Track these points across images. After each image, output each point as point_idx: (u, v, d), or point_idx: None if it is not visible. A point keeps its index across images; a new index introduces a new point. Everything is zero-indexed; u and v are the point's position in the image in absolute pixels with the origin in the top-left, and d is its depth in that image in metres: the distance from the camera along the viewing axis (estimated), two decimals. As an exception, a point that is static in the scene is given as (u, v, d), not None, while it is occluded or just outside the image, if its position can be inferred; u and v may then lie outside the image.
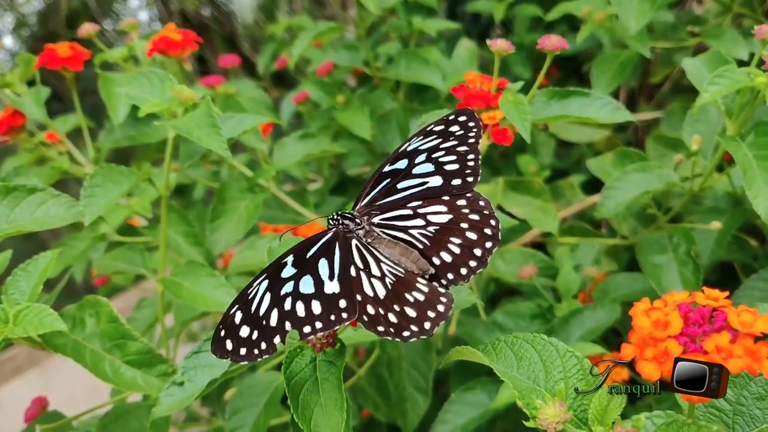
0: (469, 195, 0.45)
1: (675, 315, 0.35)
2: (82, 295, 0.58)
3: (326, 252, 0.43)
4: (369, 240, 0.44)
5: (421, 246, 0.44)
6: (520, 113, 0.56)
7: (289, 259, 0.42)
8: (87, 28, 0.78)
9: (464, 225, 0.44)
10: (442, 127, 0.47)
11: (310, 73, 1.22)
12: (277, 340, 0.38)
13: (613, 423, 0.38)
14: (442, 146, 0.47)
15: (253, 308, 0.39)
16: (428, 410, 0.75)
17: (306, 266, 0.41)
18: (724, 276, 0.89)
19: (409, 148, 0.47)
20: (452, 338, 0.77)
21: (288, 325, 0.38)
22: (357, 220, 0.45)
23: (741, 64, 0.66)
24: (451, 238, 0.43)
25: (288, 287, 0.40)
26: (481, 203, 0.44)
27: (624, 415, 0.39)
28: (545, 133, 1.08)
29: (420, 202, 0.45)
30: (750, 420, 0.40)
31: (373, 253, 0.43)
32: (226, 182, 0.78)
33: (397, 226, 0.45)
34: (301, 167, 1.07)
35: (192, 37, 0.76)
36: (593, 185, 0.98)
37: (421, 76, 0.97)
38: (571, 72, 1.29)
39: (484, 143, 0.58)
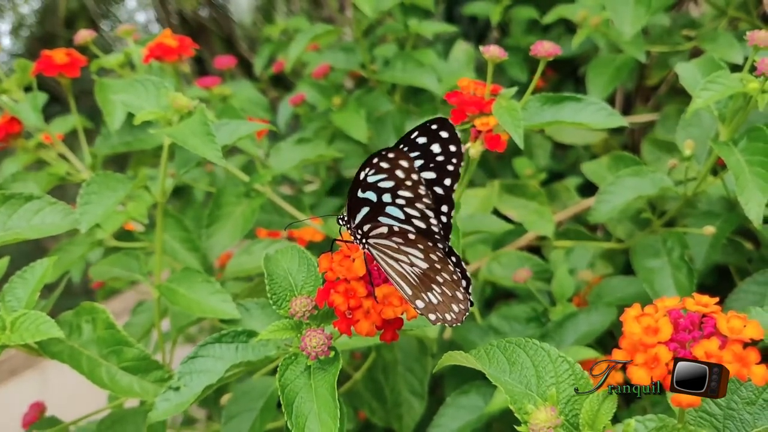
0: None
1: (665, 321, 0.36)
2: (79, 295, 0.59)
3: None
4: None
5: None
6: (514, 119, 0.56)
7: None
8: (84, 35, 0.78)
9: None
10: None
11: (306, 76, 1.22)
12: None
13: (604, 428, 0.38)
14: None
15: None
16: (424, 413, 0.75)
17: None
18: (720, 279, 0.89)
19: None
20: (448, 342, 0.78)
21: None
22: (357, 235, 0.43)
23: (736, 68, 0.66)
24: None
25: None
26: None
27: (618, 418, 0.40)
28: (541, 136, 1.09)
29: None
30: (740, 424, 0.41)
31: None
32: (222, 187, 0.78)
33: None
34: (298, 169, 1.07)
35: (188, 43, 0.76)
36: (589, 188, 0.98)
37: (416, 79, 0.97)
38: (567, 74, 1.29)
39: (477, 149, 0.59)
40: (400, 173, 0.38)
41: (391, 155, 0.37)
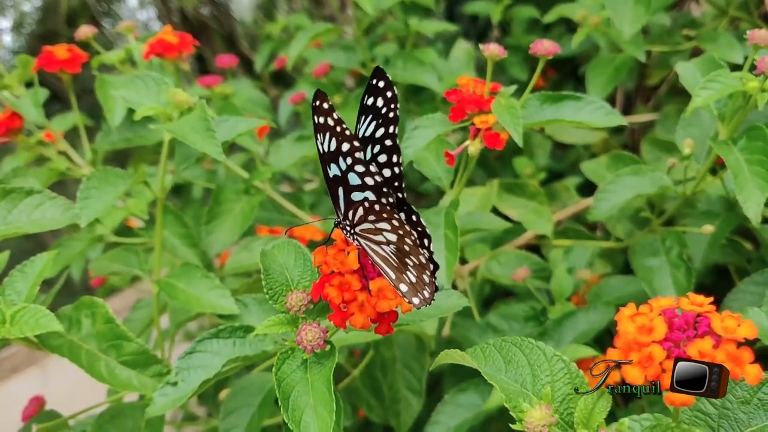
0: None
1: (659, 320, 0.36)
2: (80, 294, 0.59)
3: None
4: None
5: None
6: (513, 117, 0.56)
7: None
8: (85, 31, 0.79)
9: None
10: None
11: (307, 74, 1.22)
12: None
13: (598, 426, 0.39)
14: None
15: None
16: (423, 411, 0.75)
17: None
18: (720, 279, 0.89)
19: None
20: (446, 340, 0.78)
21: None
22: (347, 227, 0.44)
23: (736, 67, 0.66)
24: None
25: None
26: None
27: (616, 417, 0.40)
28: (541, 135, 1.09)
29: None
30: (735, 423, 0.41)
31: None
32: (222, 184, 0.79)
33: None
34: (297, 168, 1.07)
35: (188, 40, 0.77)
36: (589, 187, 0.98)
37: (416, 78, 0.97)
38: (568, 73, 1.29)
39: (476, 147, 0.59)
40: (330, 121, 0.39)
41: (316, 103, 0.39)
